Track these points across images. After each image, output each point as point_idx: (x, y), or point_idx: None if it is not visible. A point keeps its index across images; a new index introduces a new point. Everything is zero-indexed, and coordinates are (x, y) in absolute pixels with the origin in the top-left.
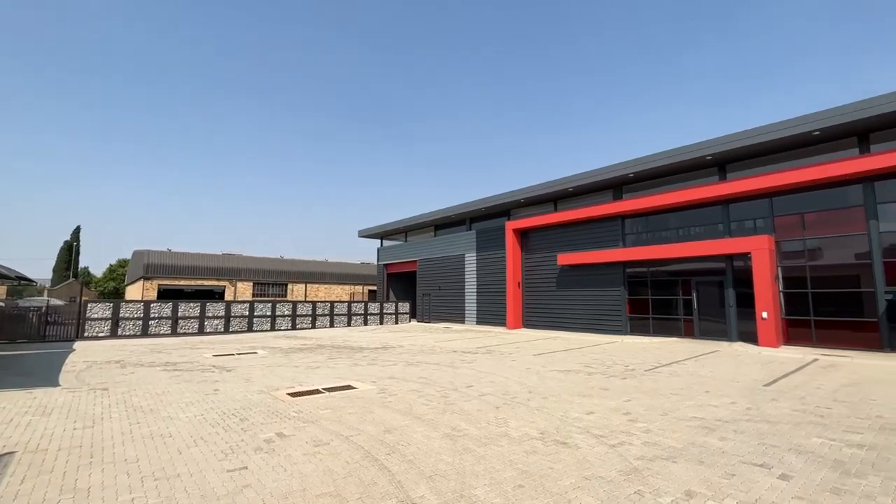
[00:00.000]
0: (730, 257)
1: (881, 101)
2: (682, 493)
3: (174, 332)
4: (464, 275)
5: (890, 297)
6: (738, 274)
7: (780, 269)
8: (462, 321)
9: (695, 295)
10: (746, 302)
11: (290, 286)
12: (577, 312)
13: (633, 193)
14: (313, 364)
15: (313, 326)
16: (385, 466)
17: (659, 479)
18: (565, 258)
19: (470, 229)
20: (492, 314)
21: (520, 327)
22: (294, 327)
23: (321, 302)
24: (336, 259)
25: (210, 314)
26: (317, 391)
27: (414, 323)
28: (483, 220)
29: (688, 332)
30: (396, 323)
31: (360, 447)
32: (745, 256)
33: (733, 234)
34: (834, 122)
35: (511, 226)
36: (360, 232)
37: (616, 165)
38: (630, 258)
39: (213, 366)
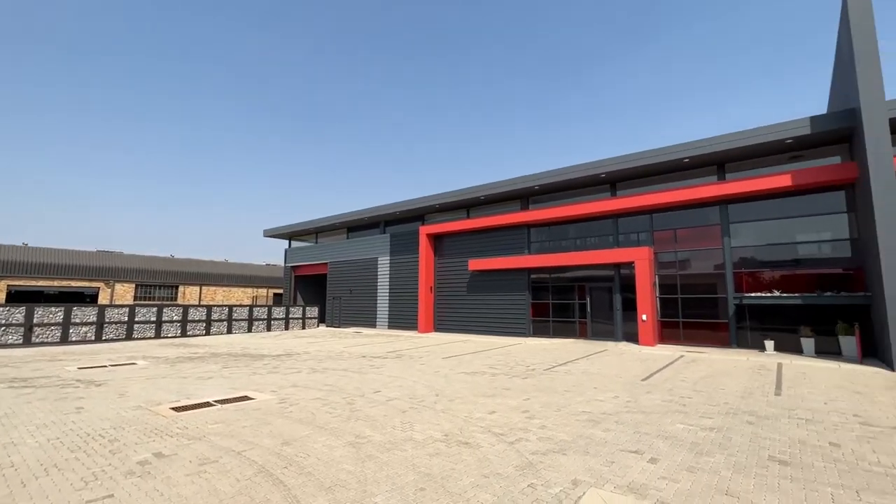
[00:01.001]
0: (617, 266)
1: (733, 137)
2: (569, 483)
3: (28, 342)
4: (376, 278)
5: (737, 301)
6: (624, 281)
7: (657, 276)
8: (373, 325)
9: (589, 299)
10: (630, 306)
11: (181, 289)
12: (485, 316)
13: (538, 204)
14: (205, 374)
15: (208, 333)
16: (280, 481)
17: (550, 471)
18: (476, 264)
19: (384, 232)
20: (404, 318)
21: (431, 331)
22: (184, 334)
23: (218, 306)
24: (238, 260)
25: (77, 320)
26: (207, 404)
27: (323, 328)
28: (398, 223)
29: (582, 334)
30: (304, 328)
31: (253, 462)
32: (630, 265)
33: (621, 245)
34: (699, 152)
35: (425, 230)
36: (265, 231)
37: (524, 178)
38: (534, 265)
39: (78, 380)
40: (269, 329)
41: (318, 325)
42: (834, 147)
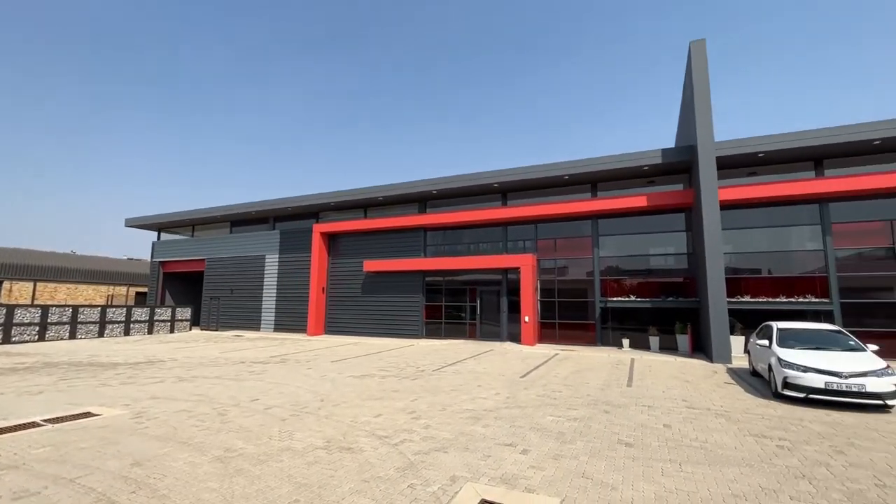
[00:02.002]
0: (505, 271)
1: (603, 160)
2: (447, 480)
3: None
4: (263, 277)
5: (603, 305)
6: (511, 285)
7: (538, 281)
8: (257, 328)
9: (479, 302)
10: (515, 308)
11: (7, 285)
12: (379, 318)
13: (435, 209)
14: (33, 388)
15: (42, 338)
16: None
17: (431, 470)
18: (371, 265)
19: (274, 229)
20: (292, 321)
21: (321, 334)
22: (8, 340)
23: (58, 306)
24: (90, 253)
25: None
26: (32, 425)
27: (196, 331)
28: (289, 220)
29: (472, 335)
30: (172, 332)
31: (90, 490)
32: (516, 270)
33: (509, 251)
34: (576, 171)
35: (319, 229)
36: (128, 221)
37: (422, 181)
38: (429, 268)
39: None
40: (127, 333)
41: (190, 329)
42: (679, 176)
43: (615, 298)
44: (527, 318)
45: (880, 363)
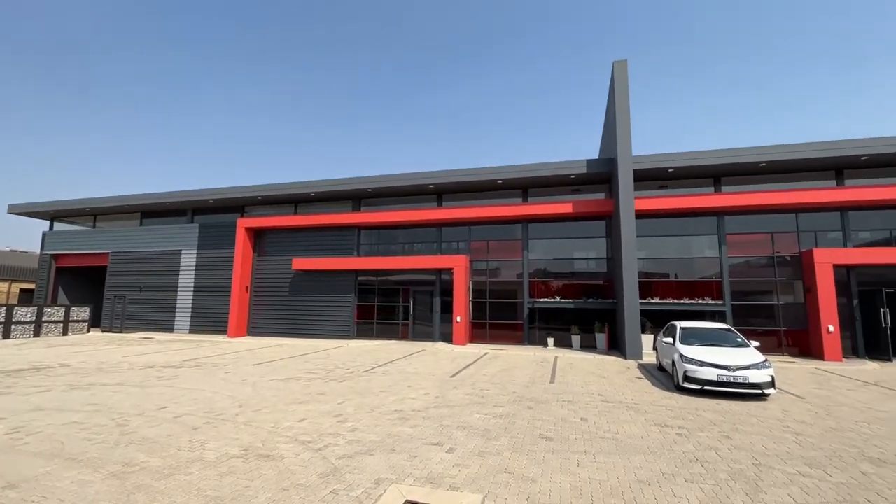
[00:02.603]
0: (439, 271)
1: (533, 167)
2: (372, 483)
3: None
4: (178, 274)
5: (530, 305)
6: (444, 285)
7: (471, 282)
8: (170, 330)
9: (412, 302)
10: (448, 309)
11: None
12: (308, 318)
13: (370, 207)
14: None
15: None
16: None
17: (355, 473)
18: (301, 263)
19: (192, 222)
20: (211, 321)
21: (244, 335)
22: None
23: None
24: None
25: None
26: None
27: (96, 333)
28: (210, 213)
29: (404, 335)
30: (66, 334)
31: None
32: (449, 271)
33: (443, 252)
34: (508, 176)
35: (244, 223)
36: (11, 207)
37: (357, 179)
38: (363, 267)
39: None
40: (7, 336)
41: (88, 331)
42: (601, 185)
43: (542, 299)
44: (458, 319)
45: (760, 357)
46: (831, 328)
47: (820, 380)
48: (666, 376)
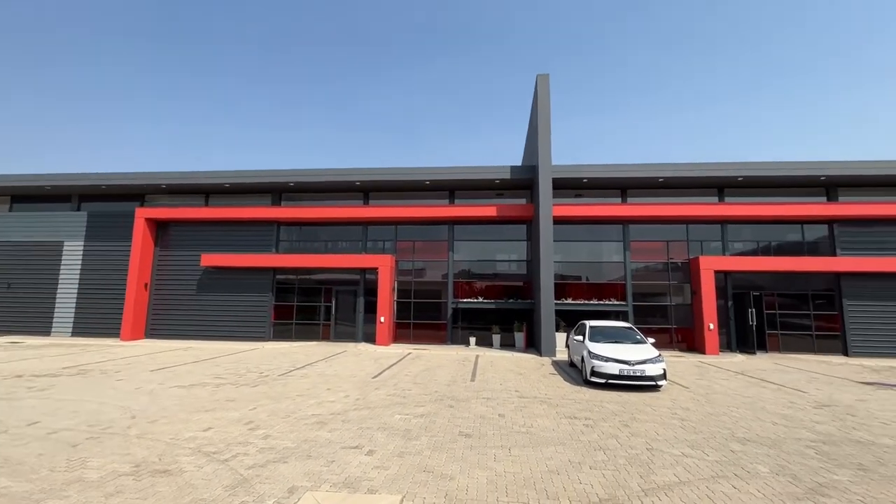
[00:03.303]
0: (363, 271)
1: (460, 170)
2: (285, 492)
3: None
4: (59, 269)
5: (454, 306)
6: (368, 285)
7: (396, 282)
8: (47, 333)
9: (334, 302)
10: (372, 309)
11: None
12: (218, 319)
13: (291, 202)
14: None
15: None
16: None
17: (266, 483)
18: (212, 259)
19: (79, 209)
20: (100, 323)
21: (141, 338)
22: None
23: None
24: None
25: None
26: None
27: None
28: (102, 200)
29: (325, 336)
30: None
31: None
32: (374, 271)
33: (369, 251)
34: (436, 177)
35: (144, 213)
36: None
37: (279, 172)
38: (282, 265)
39: None
40: None
41: None
42: (523, 191)
43: (466, 300)
44: (382, 319)
45: (655, 353)
46: (711, 326)
47: (702, 371)
48: (576, 371)
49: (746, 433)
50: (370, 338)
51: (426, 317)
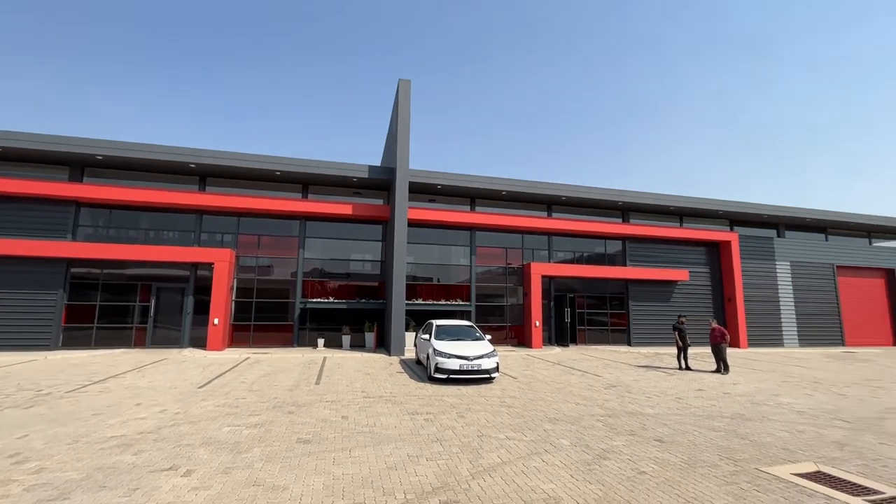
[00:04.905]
0: (195, 265)
1: (315, 164)
2: None
3: None
4: None
5: (303, 306)
6: (201, 282)
7: (236, 280)
8: None
9: (153, 301)
10: (204, 309)
11: None
12: None
13: (99, 179)
14: None
15: None
16: None
17: None
18: None
19: None
20: None
21: None
22: None
23: None
24: None
25: None
26: None
27: None
28: None
29: (139, 342)
30: None
31: None
32: (209, 266)
33: (203, 244)
34: (287, 168)
35: None
36: None
37: (83, 140)
38: (81, 255)
39: None
40: None
41: None
42: (381, 192)
43: (316, 300)
44: (216, 321)
45: (491, 348)
46: (538, 323)
47: (528, 363)
48: (422, 369)
49: (557, 414)
50: (200, 342)
51: (271, 318)
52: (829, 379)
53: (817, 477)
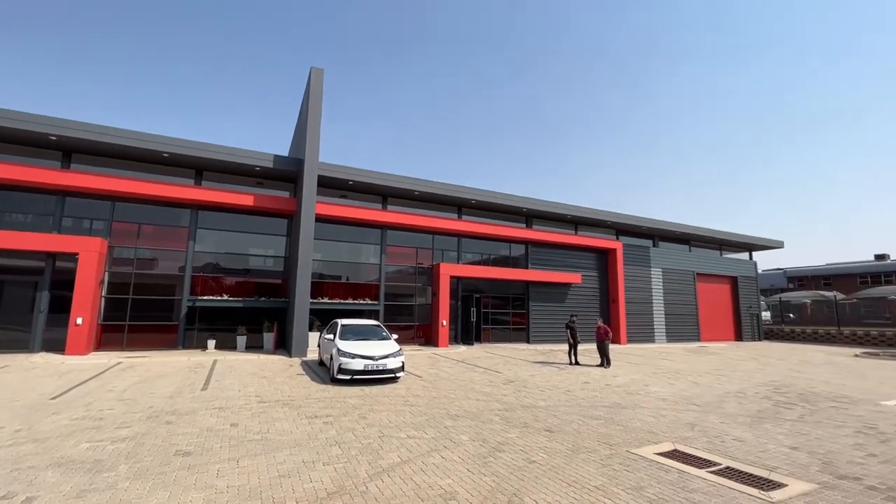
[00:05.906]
0: (53, 256)
1: (212, 148)
2: None
3: None
4: None
5: (191, 304)
6: (61, 275)
7: (107, 274)
8: None
9: None
10: (64, 307)
11: None
12: None
13: None
14: None
15: None
16: None
17: None
18: None
19: None
20: None
21: None
22: None
23: None
24: None
25: None
26: None
27: None
28: None
29: None
30: None
31: None
32: (73, 257)
33: (66, 230)
34: (178, 150)
35: None
36: None
37: None
38: None
39: None
40: None
41: None
42: (287, 183)
43: (207, 297)
44: (80, 321)
45: (397, 347)
46: (444, 322)
47: (433, 361)
48: (325, 370)
49: (458, 410)
50: (56, 345)
51: (151, 317)
52: (686, 369)
53: (673, 455)
